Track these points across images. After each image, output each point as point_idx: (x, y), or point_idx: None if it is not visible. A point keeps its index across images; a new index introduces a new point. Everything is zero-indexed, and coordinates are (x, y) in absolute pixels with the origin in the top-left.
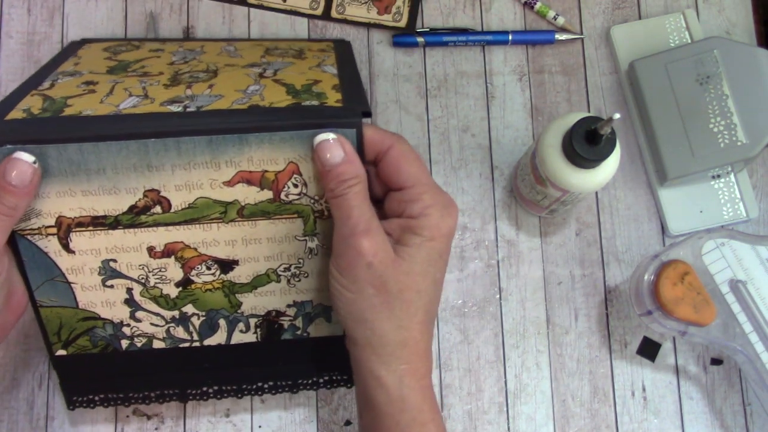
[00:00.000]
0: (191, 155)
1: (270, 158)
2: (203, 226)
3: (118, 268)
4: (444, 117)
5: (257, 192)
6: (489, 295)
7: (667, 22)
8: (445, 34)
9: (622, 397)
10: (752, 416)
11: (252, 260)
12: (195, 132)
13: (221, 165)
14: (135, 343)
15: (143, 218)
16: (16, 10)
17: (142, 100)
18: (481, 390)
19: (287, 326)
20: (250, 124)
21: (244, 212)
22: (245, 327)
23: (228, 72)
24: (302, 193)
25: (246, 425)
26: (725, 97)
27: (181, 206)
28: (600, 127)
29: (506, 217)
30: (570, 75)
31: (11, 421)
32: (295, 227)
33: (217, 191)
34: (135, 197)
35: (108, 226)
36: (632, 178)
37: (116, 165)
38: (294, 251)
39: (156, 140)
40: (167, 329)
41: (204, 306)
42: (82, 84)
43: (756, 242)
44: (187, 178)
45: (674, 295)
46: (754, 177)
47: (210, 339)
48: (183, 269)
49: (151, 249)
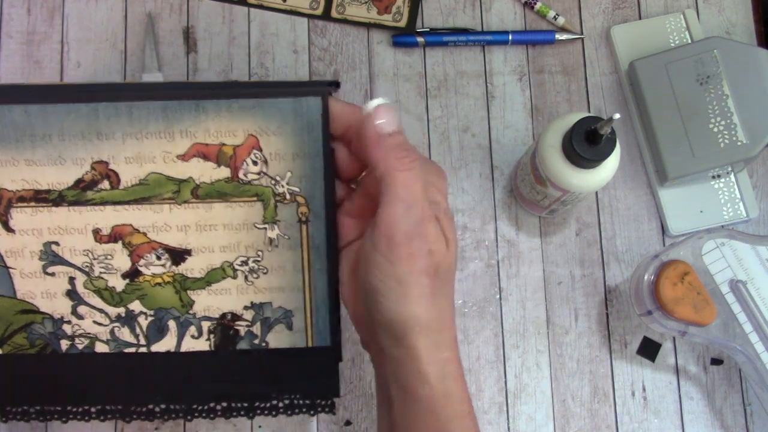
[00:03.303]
0: (144, 123)
1: (228, 129)
2: (154, 207)
3: (61, 252)
4: (444, 117)
5: (214, 168)
6: (489, 295)
7: (667, 22)
8: (445, 34)
9: (622, 397)
10: (752, 416)
11: (206, 250)
12: (149, 96)
13: (176, 135)
14: (76, 344)
15: (90, 194)
16: (16, 10)
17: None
18: (481, 390)
19: (244, 333)
20: (208, 90)
21: (199, 192)
22: (197, 332)
23: None
24: (262, 172)
25: (246, 425)
26: (725, 97)
27: (131, 182)
28: (600, 127)
29: (506, 217)
30: (570, 75)
31: (11, 421)
32: (254, 212)
33: (170, 166)
34: (82, 169)
35: (52, 202)
36: (632, 178)
37: (63, 131)
38: (252, 242)
39: (107, 104)
40: (112, 330)
41: (152, 303)
42: None
43: (756, 242)
44: (138, 150)
45: (674, 295)
46: (754, 177)
47: (158, 344)
48: (131, 257)
49: (97, 232)
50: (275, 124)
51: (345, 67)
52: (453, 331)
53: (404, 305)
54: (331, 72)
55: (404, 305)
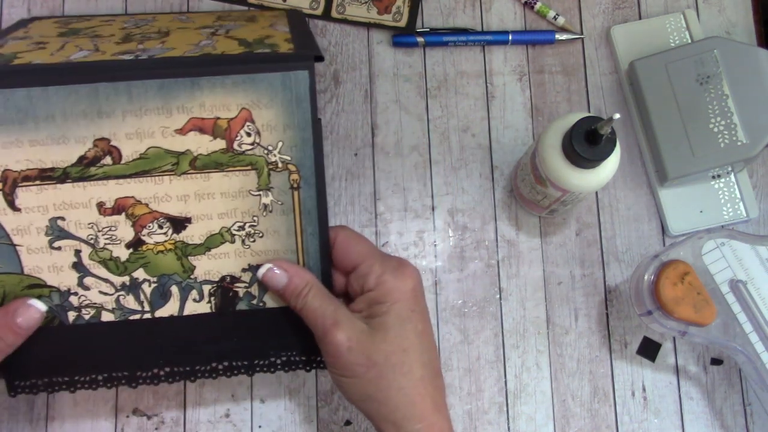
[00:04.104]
0: (142, 100)
1: (222, 104)
2: (155, 179)
3: (66, 227)
4: (444, 117)
5: (210, 141)
6: (489, 295)
7: (667, 22)
8: (445, 34)
9: (622, 397)
10: (752, 416)
11: (205, 217)
12: (147, 75)
13: (173, 111)
14: (83, 315)
15: (93, 170)
16: (16, 10)
17: (92, 53)
18: (481, 390)
19: (242, 294)
20: (203, 69)
21: (197, 163)
22: (199, 295)
23: (180, 32)
24: (255, 142)
25: (246, 425)
26: (725, 97)
27: (132, 157)
28: (600, 127)
29: (506, 217)
30: (570, 75)
31: (11, 421)
32: (248, 181)
33: (168, 140)
34: (85, 147)
35: (56, 179)
36: (632, 178)
37: (65, 111)
38: (248, 208)
39: (106, 84)
40: (117, 298)
41: (155, 270)
42: (32, 44)
43: (756, 242)
44: (138, 126)
45: (674, 295)
46: (754, 177)
47: (162, 309)
48: (134, 228)
49: (101, 205)
50: (266, 98)
51: (345, 67)
52: (427, 403)
53: (357, 393)
54: (331, 72)
55: (357, 393)
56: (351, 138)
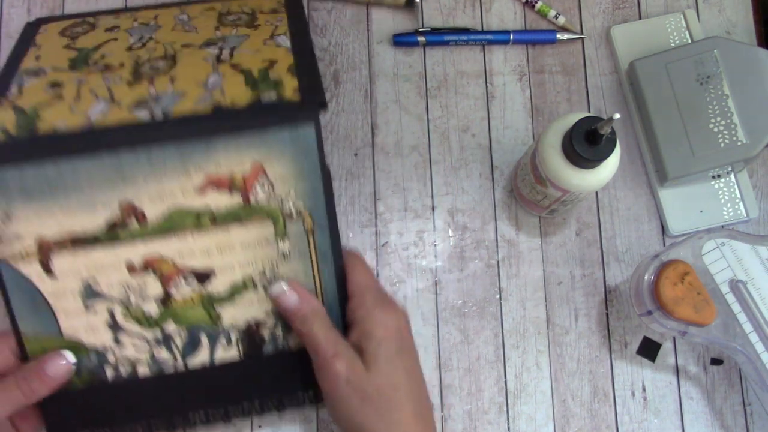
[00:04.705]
0: (162, 164)
1: (236, 160)
2: (178, 237)
3: (100, 289)
4: (444, 117)
5: (227, 197)
6: (489, 295)
7: (667, 22)
8: (446, 34)
9: (622, 397)
10: (752, 416)
11: (228, 268)
12: (165, 138)
13: (190, 171)
14: (120, 372)
15: (121, 234)
16: (16, 10)
17: (109, 106)
18: (481, 390)
19: (268, 338)
20: (216, 129)
21: (217, 219)
22: (227, 341)
23: (186, 57)
24: (269, 194)
25: (246, 425)
26: (725, 97)
27: (155, 217)
28: (600, 127)
29: (506, 217)
30: (570, 75)
31: None
32: (266, 230)
33: (189, 199)
34: (111, 212)
35: (87, 244)
36: (632, 178)
37: (92, 179)
38: (267, 255)
39: (128, 153)
40: (150, 353)
41: (185, 322)
42: (48, 87)
43: (756, 242)
44: (159, 188)
45: (674, 295)
46: (754, 177)
47: (193, 358)
48: (162, 284)
49: (130, 265)
50: (277, 151)
51: (345, 66)
52: None
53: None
54: (331, 72)
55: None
56: (351, 138)
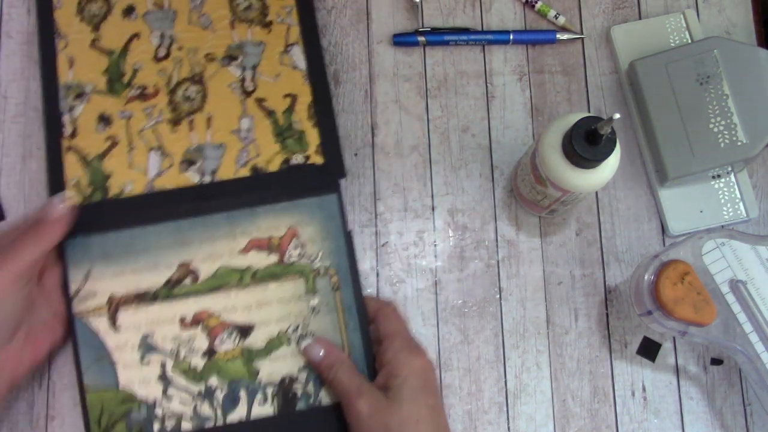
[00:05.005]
0: (214, 229)
1: (274, 225)
2: (224, 293)
3: (155, 343)
4: (444, 117)
5: (266, 257)
6: (489, 295)
7: (667, 22)
8: (446, 33)
9: (622, 397)
10: (752, 416)
11: (265, 323)
12: (217, 210)
13: (237, 235)
14: (165, 426)
15: (176, 291)
16: (16, 10)
17: (162, 160)
18: (481, 390)
19: (300, 394)
20: (259, 199)
21: (257, 276)
22: (263, 398)
23: (214, 83)
24: (301, 254)
25: None
26: (725, 97)
27: (206, 276)
28: (600, 127)
29: (506, 217)
30: (570, 75)
31: (11, 421)
32: (298, 287)
33: (234, 259)
34: (171, 271)
35: (148, 300)
36: (632, 178)
37: (158, 243)
38: (299, 311)
39: (187, 220)
40: (194, 407)
41: (227, 376)
42: (98, 124)
43: (756, 242)
44: (211, 250)
45: (674, 295)
46: (754, 177)
47: (232, 414)
48: (208, 338)
49: (182, 320)
50: (307, 217)
51: (345, 66)
52: None
53: None
54: (331, 72)
55: None
56: (351, 138)
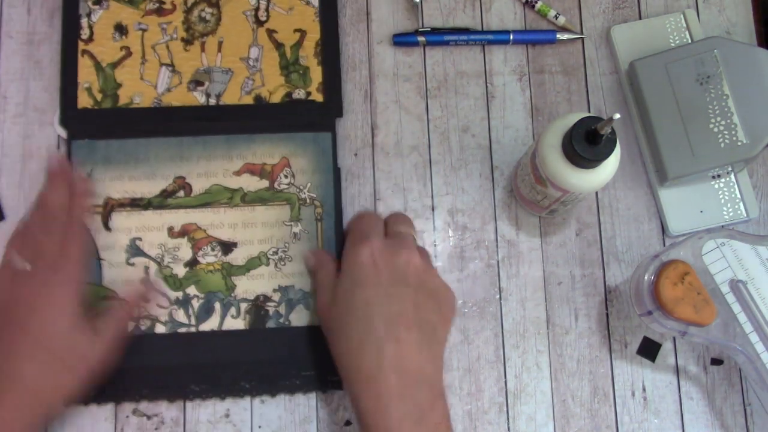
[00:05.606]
0: (212, 149)
1: (269, 153)
2: (213, 210)
3: (142, 246)
4: (444, 117)
5: (257, 181)
6: (489, 295)
7: (667, 22)
8: (446, 33)
9: (622, 397)
10: (752, 416)
11: (248, 243)
12: (218, 132)
13: (233, 157)
14: (139, 325)
15: (169, 201)
16: (16, 10)
17: (172, 78)
18: (481, 390)
19: (272, 313)
20: (258, 127)
21: (246, 198)
22: (236, 312)
23: (229, 10)
24: (291, 183)
25: (246, 425)
26: (725, 97)
27: (199, 191)
28: (600, 127)
29: (506, 217)
30: (570, 75)
31: None
32: (283, 213)
33: (227, 179)
34: (167, 182)
35: (141, 207)
36: (632, 178)
37: (158, 155)
38: (282, 235)
39: (189, 138)
40: (170, 312)
41: (205, 287)
42: (115, 32)
43: (756, 242)
44: (207, 168)
45: (674, 295)
46: (754, 177)
47: (205, 324)
48: (192, 249)
49: (171, 229)
50: (301, 149)
51: (345, 66)
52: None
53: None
54: None
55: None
56: (351, 138)
